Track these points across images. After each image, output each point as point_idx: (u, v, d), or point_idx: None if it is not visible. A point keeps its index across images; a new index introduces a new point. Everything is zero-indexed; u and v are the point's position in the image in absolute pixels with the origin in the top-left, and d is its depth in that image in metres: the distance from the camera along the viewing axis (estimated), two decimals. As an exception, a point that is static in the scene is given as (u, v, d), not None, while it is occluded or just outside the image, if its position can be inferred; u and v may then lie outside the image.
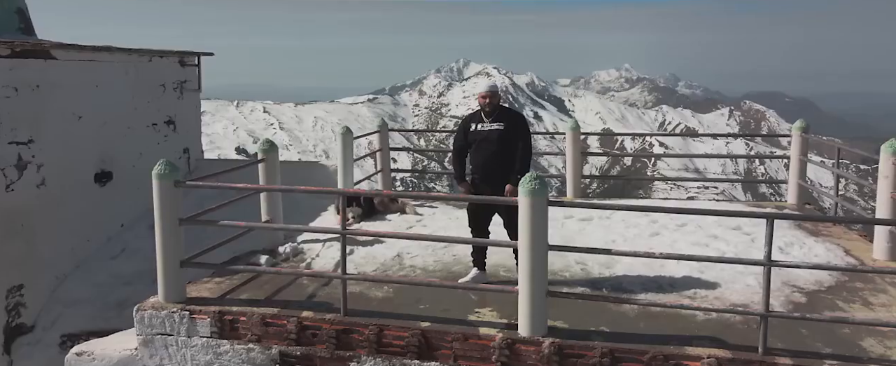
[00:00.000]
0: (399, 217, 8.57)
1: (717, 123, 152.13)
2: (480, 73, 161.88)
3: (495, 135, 6.07)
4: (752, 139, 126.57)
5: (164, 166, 5.67)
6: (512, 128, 6.10)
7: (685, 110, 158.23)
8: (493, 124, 6.12)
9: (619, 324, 5.30)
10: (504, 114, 6.18)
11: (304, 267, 6.83)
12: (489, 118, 6.16)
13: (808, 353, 4.75)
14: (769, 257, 4.64)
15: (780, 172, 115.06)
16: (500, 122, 6.11)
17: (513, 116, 6.21)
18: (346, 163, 9.48)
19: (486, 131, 6.12)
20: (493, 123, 6.12)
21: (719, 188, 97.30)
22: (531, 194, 4.93)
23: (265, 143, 7.39)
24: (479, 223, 6.27)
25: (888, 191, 6.85)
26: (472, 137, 6.18)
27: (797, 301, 5.81)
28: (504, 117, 6.15)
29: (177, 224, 5.76)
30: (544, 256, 5.03)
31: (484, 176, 6.16)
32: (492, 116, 6.15)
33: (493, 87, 6.24)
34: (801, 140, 9.66)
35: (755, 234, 7.53)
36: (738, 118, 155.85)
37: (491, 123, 6.13)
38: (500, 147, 6.05)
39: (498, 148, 6.06)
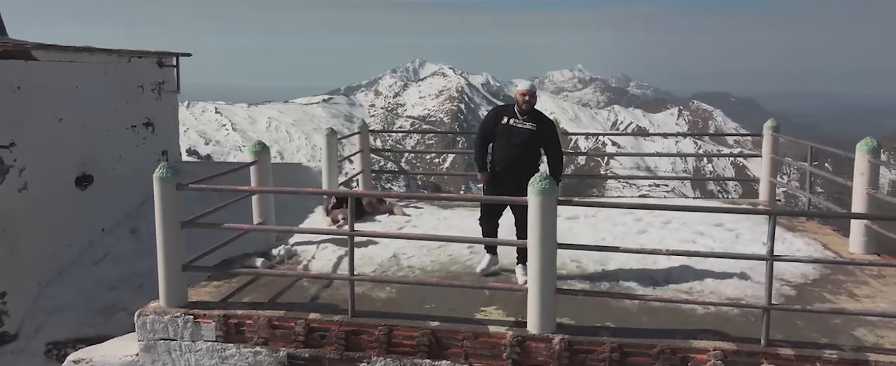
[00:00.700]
0: (388, 218, 8.58)
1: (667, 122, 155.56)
2: (436, 73, 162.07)
3: (527, 133, 6.26)
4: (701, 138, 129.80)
5: (165, 169, 5.59)
6: (543, 132, 6.30)
7: (636, 110, 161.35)
8: (526, 123, 6.30)
9: (623, 320, 5.44)
10: (537, 116, 6.36)
11: (302, 269, 6.80)
12: (523, 116, 6.33)
13: (807, 343, 4.96)
14: (772, 252, 4.85)
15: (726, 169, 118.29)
16: (534, 122, 6.29)
17: (545, 121, 6.38)
18: (330, 164, 9.44)
19: (519, 128, 6.29)
20: (526, 122, 6.30)
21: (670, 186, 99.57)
22: (542, 194, 5.04)
23: (257, 144, 7.33)
24: (492, 214, 6.49)
25: (864, 187, 7.18)
26: (502, 129, 6.33)
27: (787, 294, 6.05)
28: (537, 119, 6.33)
29: (178, 227, 5.68)
30: (553, 255, 5.14)
31: (507, 168, 6.31)
32: (526, 115, 6.32)
33: (534, 87, 6.44)
34: (772, 139, 10.02)
35: (738, 230, 7.79)
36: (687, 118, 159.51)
37: (524, 122, 6.30)
38: (529, 146, 6.27)
39: (527, 146, 6.27)
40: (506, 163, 6.33)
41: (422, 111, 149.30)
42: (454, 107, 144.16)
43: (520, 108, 6.30)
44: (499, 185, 6.36)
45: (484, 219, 6.55)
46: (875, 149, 7.13)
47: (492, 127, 6.39)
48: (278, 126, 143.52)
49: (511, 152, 6.28)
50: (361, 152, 10.70)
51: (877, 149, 7.14)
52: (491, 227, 6.54)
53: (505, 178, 6.33)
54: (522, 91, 6.32)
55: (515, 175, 6.10)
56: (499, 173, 6.40)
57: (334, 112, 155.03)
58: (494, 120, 6.40)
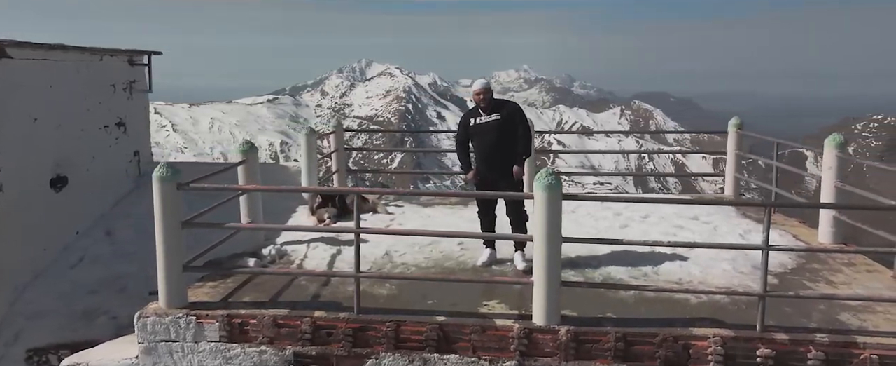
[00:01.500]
0: (372, 216, 8.61)
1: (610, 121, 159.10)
2: (383, 73, 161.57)
3: (494, 126, 6.55)
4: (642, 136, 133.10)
5: (166, 169, 5.50)
6: (509, 117, 6.58)
7: (580, 110, 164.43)
8: (490, 116, 6.57)
9: (622, 310, 5.63)
10: (499, 105, 6.63)
11: (296, 268, 6.78)
12: (486, 112, 6.60)
13: (799, 328, 5.24)
14: (767, 242, 5.10)
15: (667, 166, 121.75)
16: (497, 112, 6.57)
17: (508, 106, 6.67)
18: (310, 163, 9.40)
19: (485, 124, 6.58)
20: (490, 116, 6.57)
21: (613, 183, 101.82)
22: (548, 189, 5.18)
23: (245, 144, 7.27)
24: (487, 208, 6.74)
25: (832, 180, 7.57)
26: (473, 130, 6.65)
27: (771, 282, 6.32)
28: (500, 109, 6.60)
29: (179, 227, 5.61)
30: (559, 249, 5.29)
31: (488, 165, 6.62)
32: (488, 110, 6.59)
33: (486, 84, 6.67)
34: (737, 136, 10.44)
35: (714, 222, 8.11)
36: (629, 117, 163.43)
37: (488, 116, 6.58)
38: (500, 136, 6.54)
39: (498, 137, 6.54)
40: (485, 159, 6.65)
41: (369, 111, 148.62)
42: (401, 107, 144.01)
43: (480, 106, 6.64)
44: (485, 179, 6.68)
45: (481, 213, 6.81)
46: (842, 144, 7.53)
47: (464, 132, 6.74)
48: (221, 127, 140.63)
49: (486, 148, 6.60)
50: (337, 152, 10.69)
51: (843, 144, 7.54)
52: (488, 220, 6.77)
53: (487, 172, 6.66)
54: (476, 91, 6.67)
55: (496, 167, 6.54)
56: (483, 168, 6.70)
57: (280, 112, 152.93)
58: (465, 125, 6.75)
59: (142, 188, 9.81)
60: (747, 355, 5.09)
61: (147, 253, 8.44)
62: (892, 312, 5.58)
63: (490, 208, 6.77)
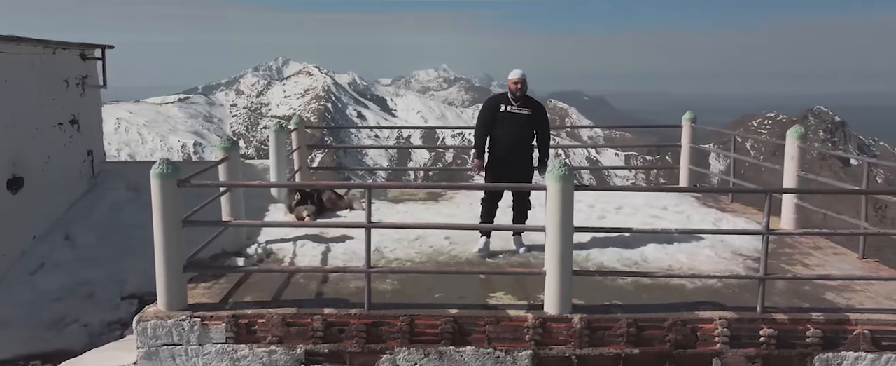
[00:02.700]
0: (350, 213, 8.49)
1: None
2: (301, 72, 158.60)
3: (523, 118, 6.73)
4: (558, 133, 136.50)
5: (166, 165, 5.25)
6: (537, 115, 6.78)
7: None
8: (521, 109, 6.73)
9: (625, 297, 5.79)
10: (530, 101, 6.80)
11: (288, 266, 6.61)
12: (517, 102, 6.74)
13: (795, 308, 5.54)
14: (768, 227, 5.36)
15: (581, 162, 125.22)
16: (528, 107, 6.75)
17: (538, 106, 6.86)
18: (279, 160, 9.17)
19: (515, 114, 6.72)
20: (521, 108, 6.73)
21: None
22: (561, 180, 5.27)
23: (227, 141, 7.02)
24: (495, 197, 6.92)
25: (795, 169, 8.03)
26: (501, 117, 6.73)
27: (752, 266, 6.67)
28: (531, 105, 6.78)
29: (179, 226, 5.36)
30: (571, 238, 5.39)
31: (509, 151, 6.75)
32: (520, 102, 6.73)
33: (524, 74, 6.77)
34: (690, 130, 10.89)
35: (686, 212, 8.45)
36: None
37: (519, 107, 6.73)
38: (527, 129, 6.76)
39: (525, 129, 6.75)
40: (508, 148, 6.75)
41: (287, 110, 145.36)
42: (321, 106, 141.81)
43: (513, 95, 6.72)
44: (502, 168, 6.76)
45: (487, 201, 6.93)
46: (803, 136, 8.01)
47: (491, 116, 6.78)
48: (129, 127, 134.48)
49: (512, 137, 6.73)
50: (299, 150, 10.47)
51: (804, 136, 8.02)
52: (492, 208, 6.93)
53: (509, 161, 6.75)
54: (514, 79, 6.73)
55: (518, 158, 6.70)
56: (503, 158, 6.79)
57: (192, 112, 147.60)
58: (493, 108, 6.80)
59: (97, 190, 9.30)
60: (751, 335, 5.34)
61: (112, 257, 8.08)
62: (869, 290, 5.98)
63: (498, 198, 6.93)
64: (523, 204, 6.83)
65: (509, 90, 6.76)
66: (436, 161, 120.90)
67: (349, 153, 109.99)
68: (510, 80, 6.77)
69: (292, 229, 7.64)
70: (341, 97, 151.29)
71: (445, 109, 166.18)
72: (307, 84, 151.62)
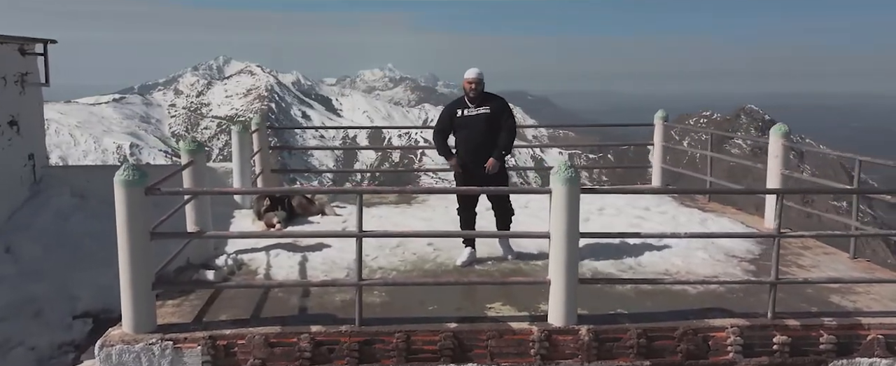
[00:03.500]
0: (322, 218, 7.99)
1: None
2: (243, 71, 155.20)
3: (482, 119, 6.29)
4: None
5: (131, 171, 4.68)
6: (497, 111, 6.31)
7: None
8: (479, 109, 6.30)
9: (629, 304, 5.50)
10: (488, 99, 6.35)
11: (263, 278, 6.09)
12: (474, 103, 6.32)
13: (805, 313, 5.34)
14: (779, 229, 5.14)
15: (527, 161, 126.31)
16: (486, 106, 6.30)
17: (497, 101, 6.39)
18: (243, 162, 8.59)
19: (473, 117, 6.30)
20: (479, 108, 6.30)
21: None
22: (567, 183, 4.92)
23: (191, 143, 6.43)
24: (468, 204, 6.49)
25: (779, 169, 7.91)
26: (459, 122, 6.36)
27: (749, 268, 6.49)
28: (489, 102, 6.33)
29: (148, 239, 4.79)
30: (577, 246, 5.05)
31: (474, 158, 6.36)
32: (477, 102, 6.31)
33: (480, 73, 6.33)
34: (663, 128, 10.75)
35: (669, 212, 8.25)
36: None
37: (477, 108, 6.31)
38: (489, 130, 6.30)
39: (486, 131, 6.29)
40: (472, 153, 6.37)
41: (229, 111, 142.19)
42: (264, 106, 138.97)
43: (469, 96, 6.33)
44: (469, 173, 6.41)
45: (462, 209, 6.53)
46: (787, 133, 7.89)
47: (448, 123, 6.43)
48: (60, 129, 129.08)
49: (473, 143, 6.34)
50: (261, 152, 9.88)
51: (788, 133, 7.89)
52: (469, 216, 6.54)
53: (473, 167, 6.39)
54: (469, 79, 6.32)
55: (482, 162, 6.30)
56: (467, 164, 6.43)
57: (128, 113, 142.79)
58: (449, 115, 6.44)
59: (39, 197, 8.52)
60: (764, 342, 5.11)
61: (59, 271, 7.37)
62: (872, 292, 5.85)
63: (472, 204, 6.51)
64: (504, 210, 6.50)
65: (464, 90, 6.37)
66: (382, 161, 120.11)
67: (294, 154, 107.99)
68: (465, 79, 6.34)
69: (263, 239, 7.11)
70: (285, 97, 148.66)
71: (392, 108, 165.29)
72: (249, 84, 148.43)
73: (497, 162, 6.27)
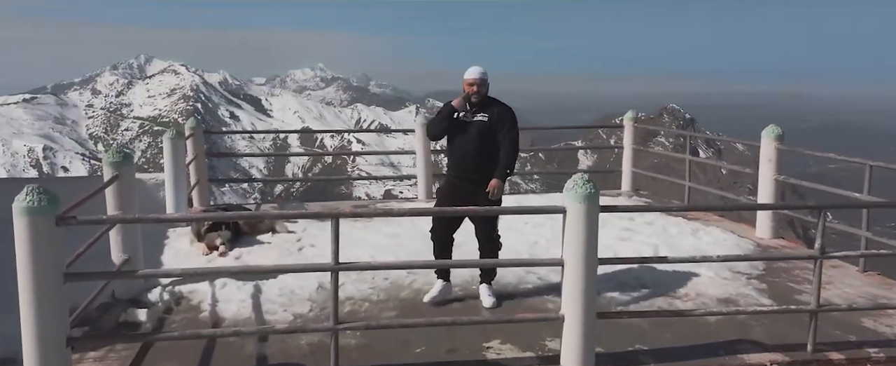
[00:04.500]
0: (273, 237, 6.93)
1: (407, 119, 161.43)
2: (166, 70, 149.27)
3: (476, 128, 5.21)
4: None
5: (36, 196, 3.58)
6: (497, 121, 5.23)
7: (378, 108, 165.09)
8: (476, 116, 5.23)
9: (645, 337, 4.76)
10: (489, 105, 5.28)
11: (208, 316, 5.05)
12: (473, 108, 5.25)
13: (845, 343, 4.70)
14: (823, 250, 4.47)
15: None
16: (485, 113, 5.23)
17: (499, 109, 5.29)
18: (177, 174, 7.45)
19: (469, 123, 5.23)
20: (476, 115, 5.23)
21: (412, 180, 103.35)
22: (586, 200, 4.11)
23: (116, 154, 5.29)
24: (448, 227, 5.39)
25: (771, 174, 7.36)
26: (454, 126, 5.29)
27: (760, 288, 5.86)
28: (489, 109, 5.26)
29: (60, 282, 3.71)
30: (595, 274, 4.25)
31: (461, 173, 5.30)
32: (476, 107, 5.25)
33: (483, 74, 5.24)
34: (633, 130, 10.15)
35: (658, 222, 7.57)
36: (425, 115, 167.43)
37: (475, 114, 5.24)
38: (484, 142, 5.21)
39: (481, 143, 5.20)
40: (461, 166, 5.30)
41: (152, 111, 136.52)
42: (190, 106, 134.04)
43: (470, 101, 5.24)
44: (457, 191, 5.32)
45: (436, 233, 5.43)
46: (780, 136, 7.34)
47: (444, 121, 5.28)
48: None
49: (464, 153, 5.27)
50: (196, 159, 8.73)
51: (782, 136, 7.35)
52: (446, 243, 5.45)
53: (460, 182, 5.32)
54: (469, 80, 5.21)
55: (472, 178, 5.24)
56: (454, 181, 5.37)
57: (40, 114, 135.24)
58: (448, 113, 5.29)
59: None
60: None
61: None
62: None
63: (452, 228, 5.40)
64: (488, 238, 5.31)
65: (465, 93, 5.24)
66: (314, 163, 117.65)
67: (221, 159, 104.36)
68: (465, 80, 5.23)
69: (207, 264, 6.04)
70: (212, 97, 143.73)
71: (324, 108, 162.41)
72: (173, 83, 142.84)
73: (500, 183, 5.20)
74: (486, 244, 5.35)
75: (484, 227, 5.32)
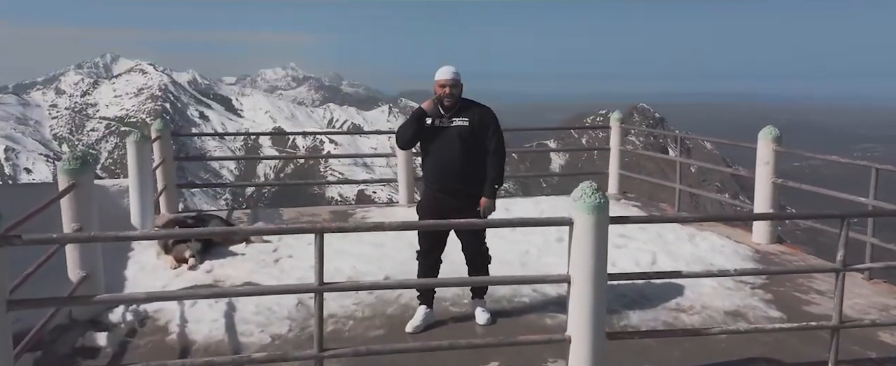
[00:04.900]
0: (247, 248, 6.47)
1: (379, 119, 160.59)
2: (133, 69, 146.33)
3: (456, 134, 4.72)
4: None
5: (-26, 210, 3.12)
6: (479, 125, 4.76)
7: (350, 108, 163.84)
8: (454, 120, 4.73)
9: (653, 357, 4.42)
10: (468, 108, 4.80)
11: (176, 338, 4.58)
12: (449, 112, 4.76)
13: (869, 361, 4.42)
14: (844, 262, 4.15)
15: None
16: (464, 117, 4.74)
17: (480, 111, 4.82)
18: (142, 179, 6.93)
19: (447, 129, 4.73)
20: (454, 119, 4.73)
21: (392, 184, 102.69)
22: (595, 211, 3.75)
23: (72, 160, 4.80)
24: (435, 244, 4.90)
25: (769, 177, 7.08)
26: (428, 133, 4.78)
27: (766, 298, 5.56)
28: (468, 112, 4.78)
29: (2, 311, 3.23)
30: (605, 291, 3.89)
31: (443, 186, 4.79)
32: (453, 111, 4.76)
33: (456, 73, 4.76)
34: (620, 131, 9.85)
35: (652, 229, 7.23)
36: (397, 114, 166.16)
37: (452, 119, 4.74)
38: (466, 149, 4.72)
39: (463, 151, 4.72)
40: (441, 178, 4.78)
41: (119, 111, 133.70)
42: (158, 106, 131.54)
43: (443, 104, 4.73)
44: (440, 206, 4.81)
45: (423, 253, 4.94)
46: (778, 137, 7.07)
47: (417, 128, 4.75)
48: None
49: (444, 163, 4.75)
50: (164, 163, 8.22)
51: (780, 137, 7.08)
52: (433, 262, 4.94)
53: (442, 196, 4.80)
54: (442, 81, 4.70)
55: (455, 190, 4.75)
56: (434, 195, 4.86)
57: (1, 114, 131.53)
58: (418, 117, 4.77)
59: None
60: (830, 402, 4.12)
61: None
62: (917, 324, 5.01)
63: (439, 245, 4.90)
64: (478, 253, 4.90)
65: (437, 96, 4.74)
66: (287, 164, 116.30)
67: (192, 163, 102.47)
68: (436, 82, 4.72)
69: (175, 278, 5.57)
70: (181, 97, 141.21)
71: (295, 108, 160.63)
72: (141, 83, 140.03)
73: (491, 202, 4.79)
74: (476, 259, 4.94)
75: (472, 241, 4.90)
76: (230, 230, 4.82)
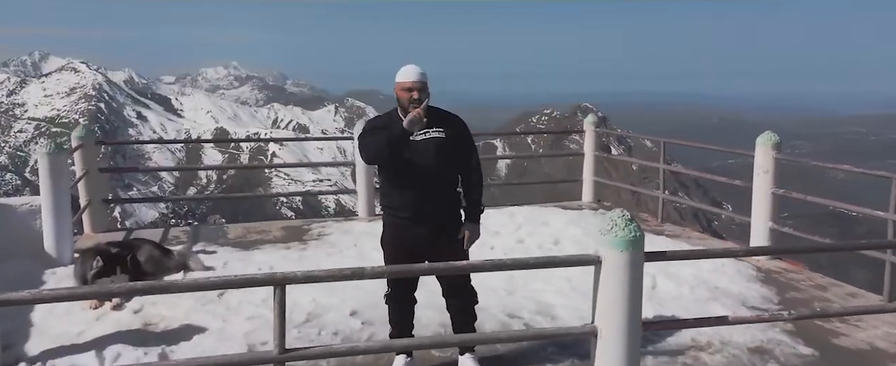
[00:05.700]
0: (185, 277, 5.51)
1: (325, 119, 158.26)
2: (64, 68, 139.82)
3: (433, 147, 3.78)
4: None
5: None
6: (456, 138, 3.87)
7: (296, 108, 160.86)
8: (428, 132, 3.79)
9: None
10: (440, 116, 3.89)
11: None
12: None
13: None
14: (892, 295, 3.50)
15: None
16: (438, 128, 3.82)
17: (452, 119, 3.93)
18: (58, 198, 5.88)
19: (417, 143, 3.77)
20: (427, 131, 3.79)
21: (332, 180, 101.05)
22: (629, 246, 3.01)
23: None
24: (409, 287, 4.04)
25: (768, 186, 6.50)
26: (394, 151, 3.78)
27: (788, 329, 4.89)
28: (442, 122, 3.86)
29: None
30: (639, 342, 3.15)
31: (417, 212, 3.82)
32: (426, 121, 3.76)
33: (423, 75, 3.81)
34: (595, 136, 9.20)
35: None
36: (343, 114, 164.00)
37: (425, 131, 3.78)
38: (441, 166, 3.81)
39: (438, 168, 3.80)
40: (415, 201, 3.81)
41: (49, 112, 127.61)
42: (92, 106, 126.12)
43: (410, 109, 3.72)
44: (412, 238, 3.87)
45: (394, 295, 4.05)
46: (778, 144, 6.48)
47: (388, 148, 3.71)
48: None
49: (417, 183, 3.80)
50: (87, 175, 7.17)
51: (779, 144, 6.49)
52: (407, 305, 4.11)
53: (414, 224, 3.84)
54: (408, 84, 3.76)
55: (429, 215, 3.82)
56: (406, 220, 3.86)
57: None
58: (401, 136, 3.71)
59: None
60: None
61: None
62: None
63: (414, 288, 4.06)
64: (463, 289, 4.01)
65: (399, 102, 3.83)
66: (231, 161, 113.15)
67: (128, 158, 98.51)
68: (399, 84, 3.79)
69: (95, 322, 4.59)
70: (116, 96, 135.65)
71: (238, 108, 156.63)
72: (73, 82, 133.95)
73: (476, 229, 3.92)
74: (461, 295, 4.02)
75: (456, 281, 3.97)
76: (165, 285, 3.82)
